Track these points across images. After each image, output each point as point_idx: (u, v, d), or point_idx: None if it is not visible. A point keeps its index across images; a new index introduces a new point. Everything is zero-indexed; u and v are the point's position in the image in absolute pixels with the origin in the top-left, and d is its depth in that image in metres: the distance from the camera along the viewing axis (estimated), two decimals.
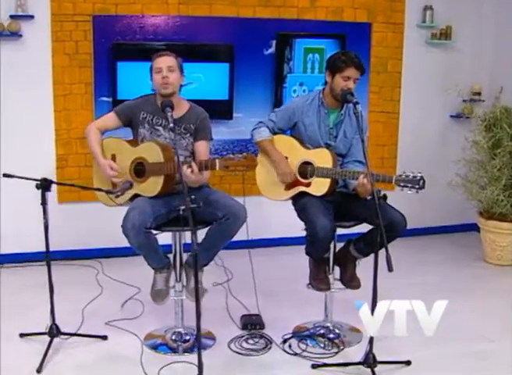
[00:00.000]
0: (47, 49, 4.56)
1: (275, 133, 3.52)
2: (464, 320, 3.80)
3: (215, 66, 4.85)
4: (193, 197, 2.74)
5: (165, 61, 3.35)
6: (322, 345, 3.49)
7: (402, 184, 3.12)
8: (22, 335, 3.48)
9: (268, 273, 4.57)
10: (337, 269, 3.59)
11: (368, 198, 2.93)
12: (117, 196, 3.24)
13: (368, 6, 5.18)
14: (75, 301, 3.95)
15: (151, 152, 3.26)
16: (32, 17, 4.48)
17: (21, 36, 4.48)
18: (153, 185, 3.24)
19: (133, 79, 4.59)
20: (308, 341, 3.52)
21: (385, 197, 2.94)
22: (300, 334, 3.59)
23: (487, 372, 3.28)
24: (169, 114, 3.08)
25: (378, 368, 3.13)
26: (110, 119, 3.46)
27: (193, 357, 3.33)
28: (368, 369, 3.10)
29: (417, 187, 3.09)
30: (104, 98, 4.71)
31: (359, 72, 3.32)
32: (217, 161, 3.00)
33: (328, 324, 3.65)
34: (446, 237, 5.60)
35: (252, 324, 3.67)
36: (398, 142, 5.52)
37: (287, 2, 4.99)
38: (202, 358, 3.03)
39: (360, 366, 3.14)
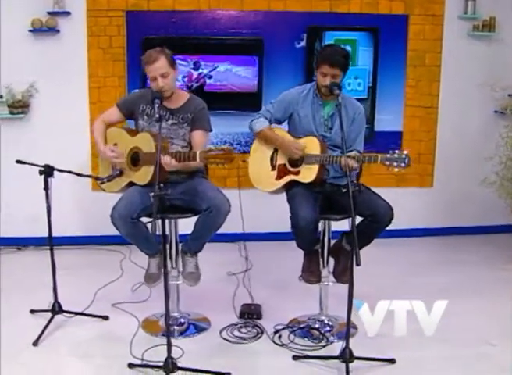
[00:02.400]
0: (82, 44, 4.81)
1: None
2: (474, 321, 3.71)
3: (244, 58, 4.92)
4: (162, 185, 2.82)
5: (157, 68, 3.30)
6: (312, 338, 3.49)
7: (388, 163, 3.14)
8: (32, 311, 3.72)
9: (285, 265, 4.59)
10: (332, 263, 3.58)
11: (344, 191, 2.90)
12: (102, 183, 3.39)
13: None
14: (92, 283, 4.16)
15: (145, 142, 3.36)
16: (68, 13, 4.74)
17: (58, 31, 4.75)
18: (145, 174, 3.34)
19: None
20: (299, 333, 3.53)
21: (359, 189, 2.90)
22: (294, 326, 3.60)
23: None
24: (157, 105, 3.18)
25: (359, 364, 3.10)
26: (113, 113, 3.57)
27: (184, 340, 3.46)
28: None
29: (402, 165, 3.12)
30: (137, 91, 4.87)
31: (335, 69, 3.27)
32: (197, 153, 3.07)
33: (323, 317, 3.64)
34: (483, 238, 5.35)
35: (249, 313, 3.72)
36: (436, 138, 5.35)
37: None
38: (190, 343, 3.12)
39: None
